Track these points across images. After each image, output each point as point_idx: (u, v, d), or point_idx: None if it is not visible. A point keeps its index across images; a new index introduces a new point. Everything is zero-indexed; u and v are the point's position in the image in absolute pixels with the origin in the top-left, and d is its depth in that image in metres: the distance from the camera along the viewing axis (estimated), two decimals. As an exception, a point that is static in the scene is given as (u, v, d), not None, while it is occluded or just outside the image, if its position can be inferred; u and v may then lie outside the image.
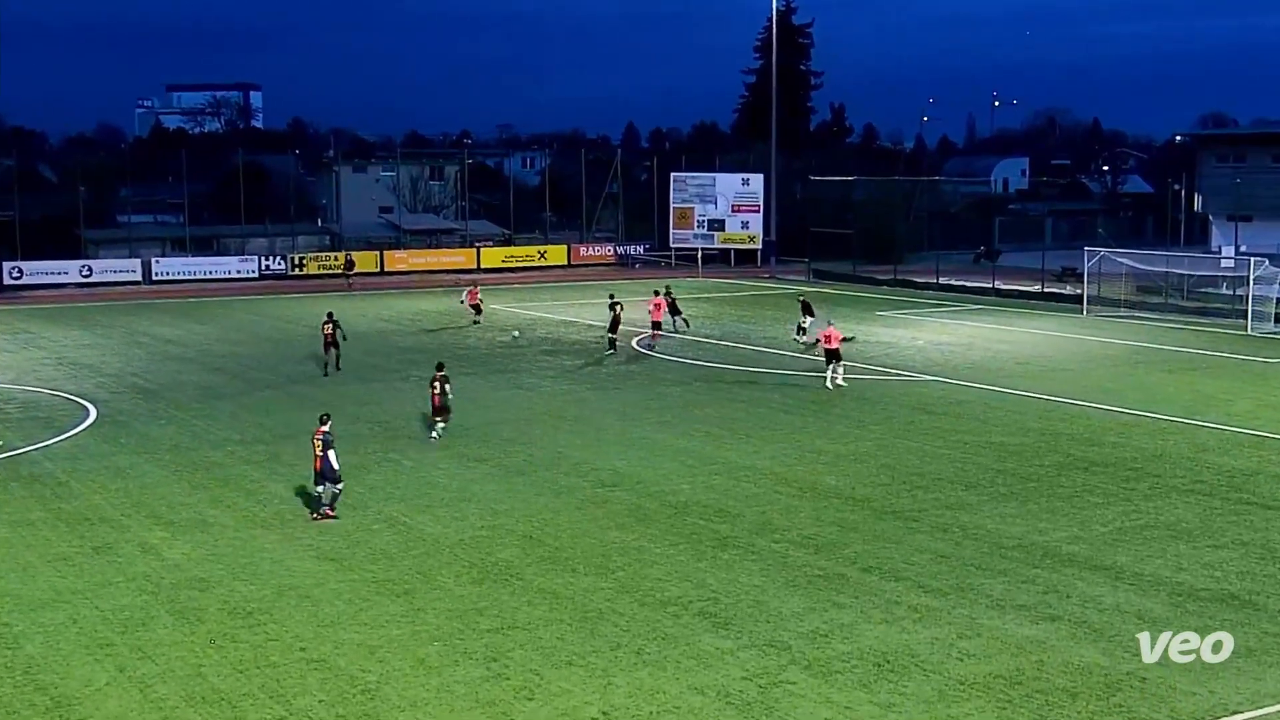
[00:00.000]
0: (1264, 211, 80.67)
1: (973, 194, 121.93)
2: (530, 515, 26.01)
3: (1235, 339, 52.17)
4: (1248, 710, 16.94)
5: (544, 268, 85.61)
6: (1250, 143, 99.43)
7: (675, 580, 21.96)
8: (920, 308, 63.06)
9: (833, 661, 18.46)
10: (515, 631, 19.61)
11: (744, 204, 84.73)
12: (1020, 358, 47.01)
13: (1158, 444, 32.59)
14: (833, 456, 31.17)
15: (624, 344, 48.94)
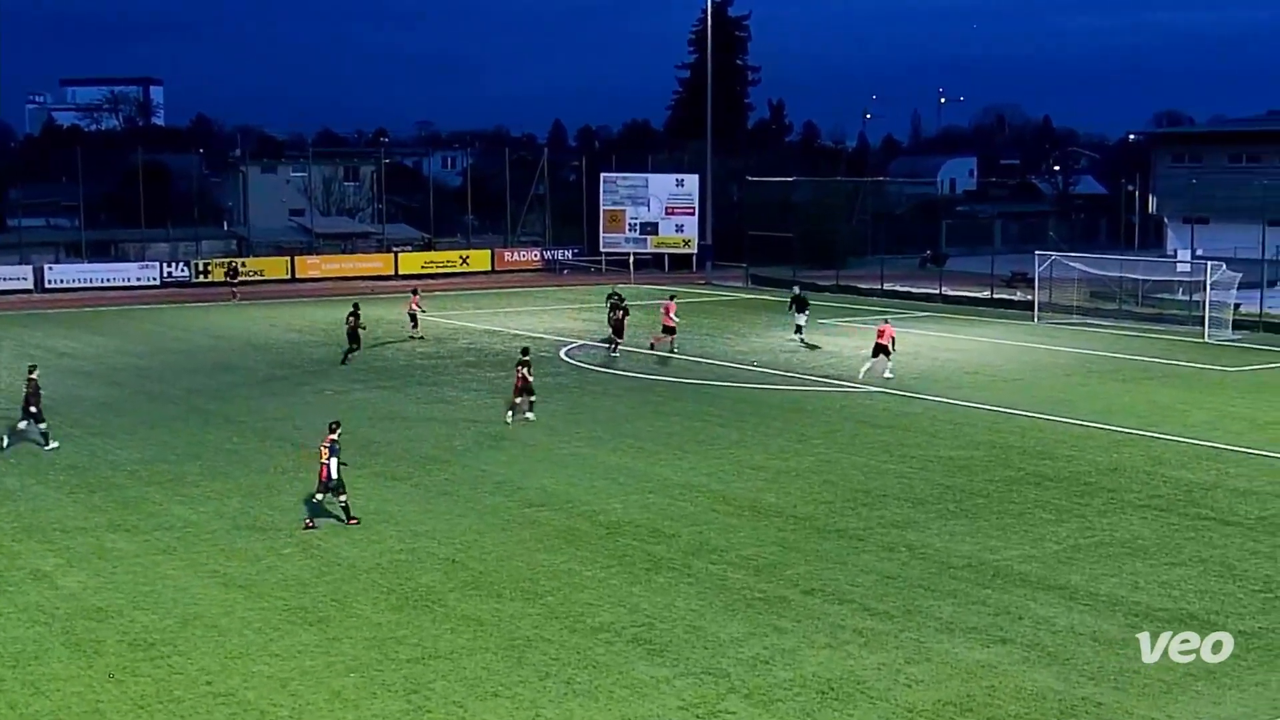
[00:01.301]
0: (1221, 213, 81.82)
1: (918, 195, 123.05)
2: (453, 537, 25.91)
3: (1192, 347, 52.86)
4: (1207, 735, 17.17)
5: (466, 274, 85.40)
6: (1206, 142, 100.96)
7: (607, 605, 21.95)
8: (864, 315, 63.41)
9: (774, 689, 18.51)
10: (437, 661, 19.53)
11: (678, 206, 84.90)
12: (969, 367, 47.40)
13: (1112, 457, 32.96)
14: (773, 472, 31.29)
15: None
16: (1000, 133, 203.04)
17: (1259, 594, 22.53)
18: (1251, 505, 28.32)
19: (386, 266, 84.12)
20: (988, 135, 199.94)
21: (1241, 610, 21.70)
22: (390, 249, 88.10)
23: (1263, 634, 20.50)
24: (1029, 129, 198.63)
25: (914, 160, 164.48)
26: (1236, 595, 22.47)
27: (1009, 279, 70.82)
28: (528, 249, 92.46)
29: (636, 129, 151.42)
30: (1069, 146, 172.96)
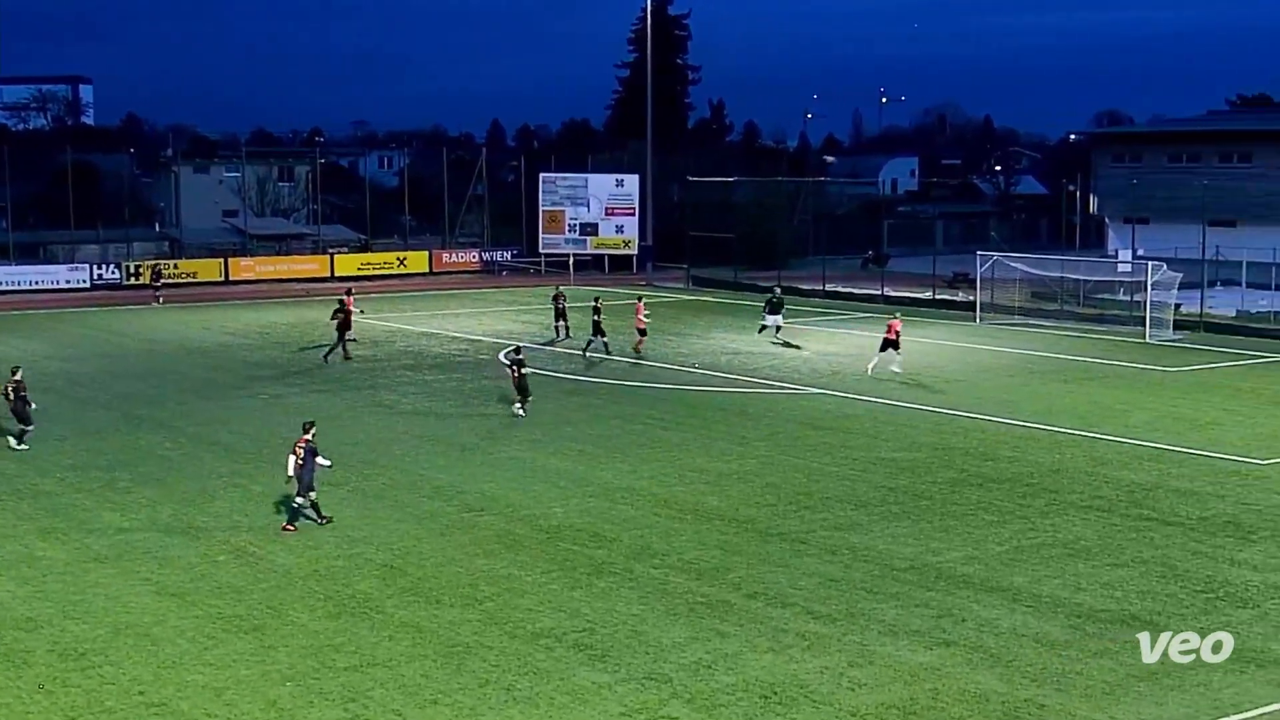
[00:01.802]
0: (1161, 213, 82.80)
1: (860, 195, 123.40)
2: (390, 543, 25.82)
3: (1133, 347, 53.38)
4: (1150, 736, 17.35)
5: (404, 275, 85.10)
6: (1147, 142, 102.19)
7: (548, 610, 21.93)
8: (806, 316, 63.60)
9: (717, 694, 18.54)
10: (375, 669, 19.45)
11: (618, 206, 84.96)
12: (911, 368, 47.63)
13: (1055, 458, 33.23)
14: (715, 475, 31.35)
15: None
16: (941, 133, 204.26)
17: (1201, 594, 22.77)
18: (1193, 506, 28.63)
19: (322, 268, 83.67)
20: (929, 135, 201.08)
21: (1184, 611, 21.93)
22: (326, 250, 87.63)
23: (1205, 634, 20.70)
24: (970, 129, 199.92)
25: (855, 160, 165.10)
26: (1178, 596, 22.70)
27: (951, 279, 71.23)
28: (466, 250, 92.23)
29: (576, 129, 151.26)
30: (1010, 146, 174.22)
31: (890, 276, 73.33)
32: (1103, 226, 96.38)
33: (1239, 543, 25.92)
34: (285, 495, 27.58)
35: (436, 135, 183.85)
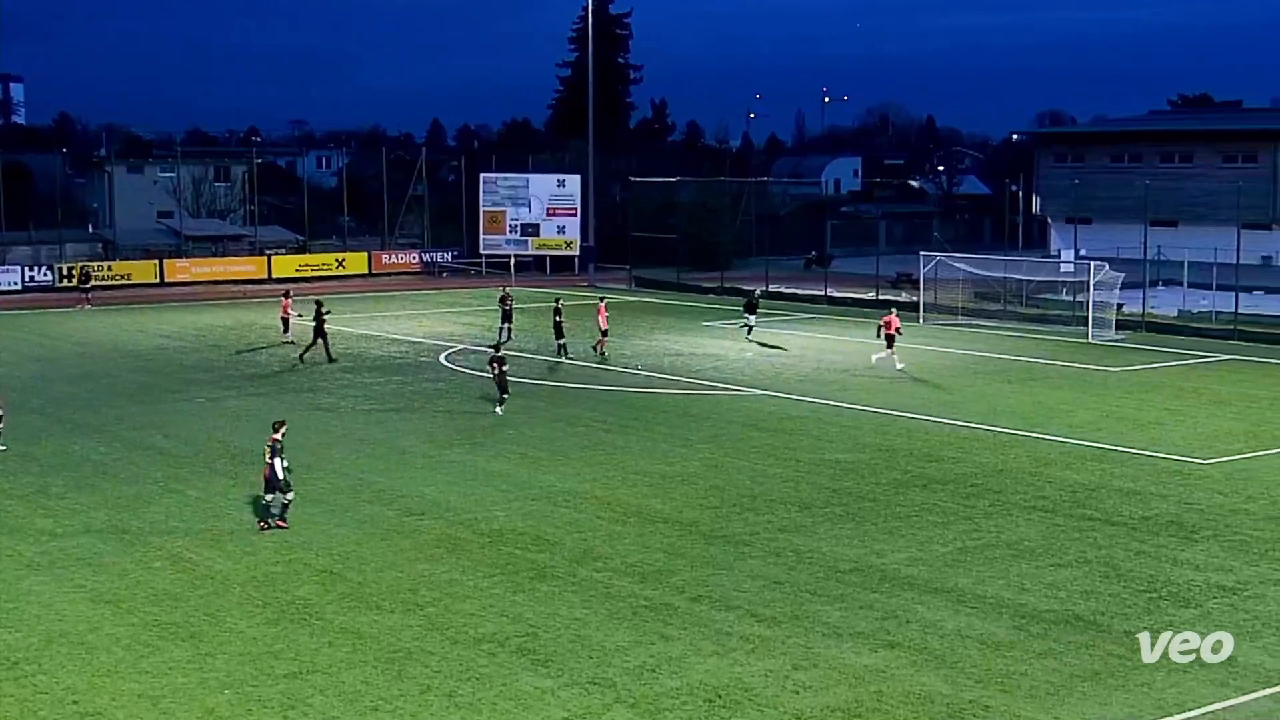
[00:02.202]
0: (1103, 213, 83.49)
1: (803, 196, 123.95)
2: (330, 548, 25.70)
3: (1076, 347, 53.80)
4: (1094, 736, 17.48)
5: (342, 277, 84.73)
6: (1089, 142, 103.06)
7: (490, 615, 21.88)
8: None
9: (661, 698, 18.56)
10: (315, 676, 19.35)
11: (560, 207, 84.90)
12: (855, 369, 47.86)
13: (998, 458, 33.45)
14: (658, 478, 31.38)
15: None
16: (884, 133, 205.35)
17: (1143, 594, 22.97)
18: (1135, 505, 28.88)
19: (259, 270, 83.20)
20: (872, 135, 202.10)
21: (1127, 611, 22.12)
22: (263, 252, 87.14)
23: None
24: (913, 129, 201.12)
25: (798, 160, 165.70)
26: (1122, 596, 22.89)
27: (894, 280, 71.61)
28: (406, 251, 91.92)
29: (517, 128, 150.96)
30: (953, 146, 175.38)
31: (833, 277, 73.62)
32: (1045, 226, 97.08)
33: (1181, 542, 26.17)
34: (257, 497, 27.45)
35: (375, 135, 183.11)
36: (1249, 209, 71.94)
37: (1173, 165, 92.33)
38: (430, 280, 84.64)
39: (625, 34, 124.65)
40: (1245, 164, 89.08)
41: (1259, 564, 24.77)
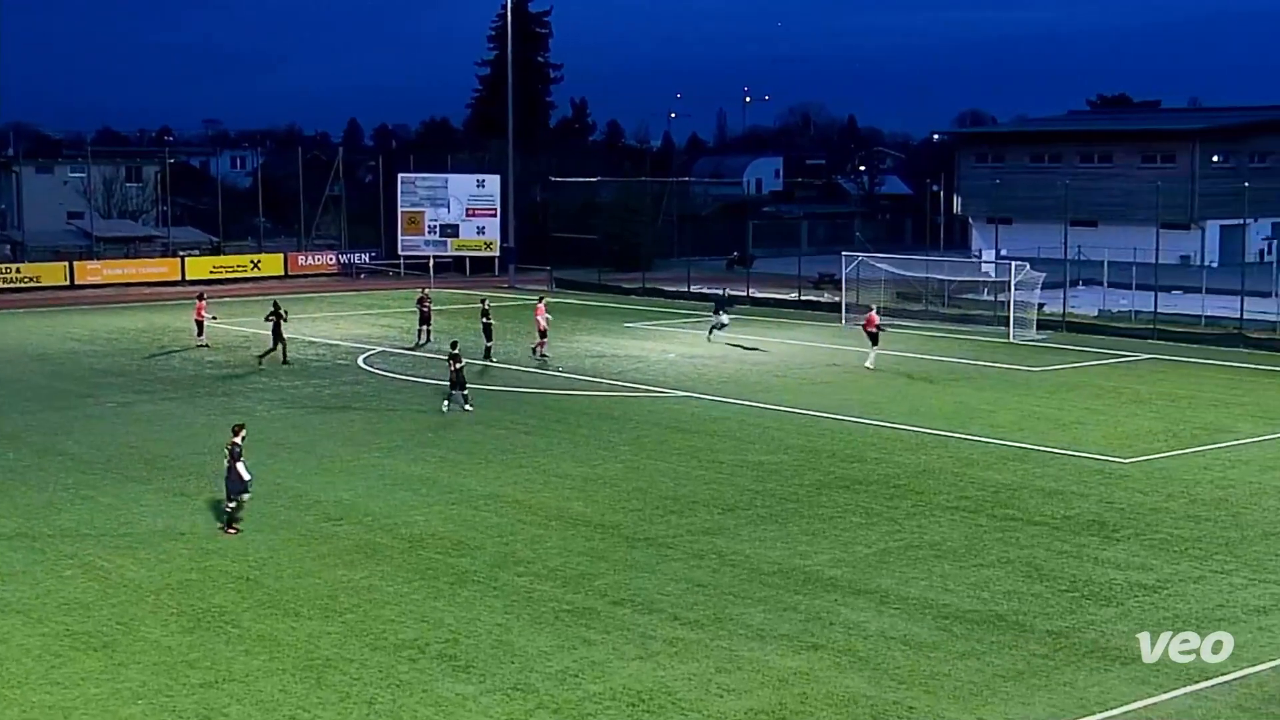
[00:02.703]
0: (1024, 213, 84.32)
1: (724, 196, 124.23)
2: (246, 554, 25.50)
3: (998, 347, 54.30)
4: (1017, 736, 17.65)
5: (258, 278, 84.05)
6: (1009, 142, 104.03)
7: (410, 621, 21.80)
8: (671, 318, 63.96)
9: (584, 703, 18.55)
10: (231, 684, 19.19)
11: (479, 207, 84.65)
12: (777, 370, 48.06)
13: (921, 459, 33.70)
14: (580, 480, 31.37)
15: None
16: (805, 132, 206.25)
17: (1065, 594, 23.22)
18: (1057, 505, 29.19)
19: (172, 271, 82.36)
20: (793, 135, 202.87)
21: (1049, 610, 22.35)
22: (176, 253, 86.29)
23: (1069, 633, 21.15)
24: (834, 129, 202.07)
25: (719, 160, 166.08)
26: (1044, 595, 23.13)
27: (816, 281, 71.92)
28: (323, 252, 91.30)
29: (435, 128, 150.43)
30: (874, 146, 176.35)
31: (755, 278, 73.85)
32: (966, 227, 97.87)
33: (1102, 542, 26.47)
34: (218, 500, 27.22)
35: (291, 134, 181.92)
36: (1168, 209, 72.93)
37: (1092, 165, 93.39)
38: (348, 282, 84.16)
39: (545, 32, 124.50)
40: (1164, 164, 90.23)
41: (1179, 562, 25.10)
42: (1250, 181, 76.59)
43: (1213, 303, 59.02)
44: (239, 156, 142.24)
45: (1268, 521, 27.95)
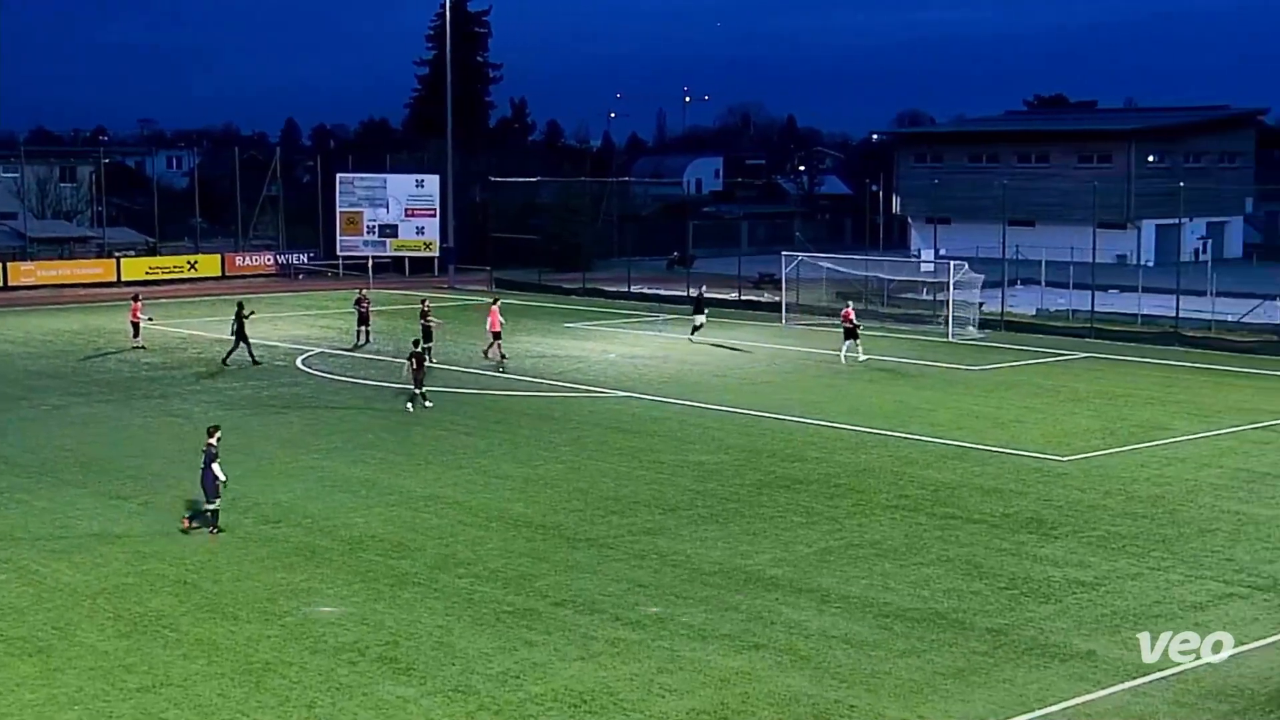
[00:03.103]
0: (962, 213, 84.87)
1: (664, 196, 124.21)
2: (184, 557, 25.31)
3: (937, 346, 54.60)
4: (957, 733, 17.76)
5: (195, 279, 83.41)
6: (947, 142, 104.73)
7: (350, 623, 21.70)
8: (612, 318, 63.95)
9: (526, 704, 18.53)
10: (169, 689, 19.05)
11: (418, 208, 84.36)
12: (718, 370, 48.15)
13: (861, 458, 33.85)
14: (521, 481, 31.32)
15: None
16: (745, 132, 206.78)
17: (1005, 591, 23.38)
18: (996, 503, 29.39)
19: (108, 273, 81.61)
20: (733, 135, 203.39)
21: (989, 608, 22.50)
22: (112, 254, 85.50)
23: (1009, 630, 21.29)
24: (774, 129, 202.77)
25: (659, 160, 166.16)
26: (984, 593, 23.28)
27: (756, 280, 72.09)
28: (260, 253, 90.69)
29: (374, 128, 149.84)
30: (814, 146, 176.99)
31: (696, 277, 73.86)
32: (906, 226, 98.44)
33: (1041, 539, 26.67)
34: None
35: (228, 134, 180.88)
36: (1104, 208, 73.53)
37: (1030, 165, 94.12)
38: (286, 283, 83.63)
39: (484, 32, 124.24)
40: (1100, 164, 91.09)
41: (1117, 559, 25.33)
42: (1185, 181, 77.34)
43: (1148, 302, 59.60)
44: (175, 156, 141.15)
45: (1203, 518, 28.25)
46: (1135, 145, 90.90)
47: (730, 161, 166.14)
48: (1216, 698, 18.81)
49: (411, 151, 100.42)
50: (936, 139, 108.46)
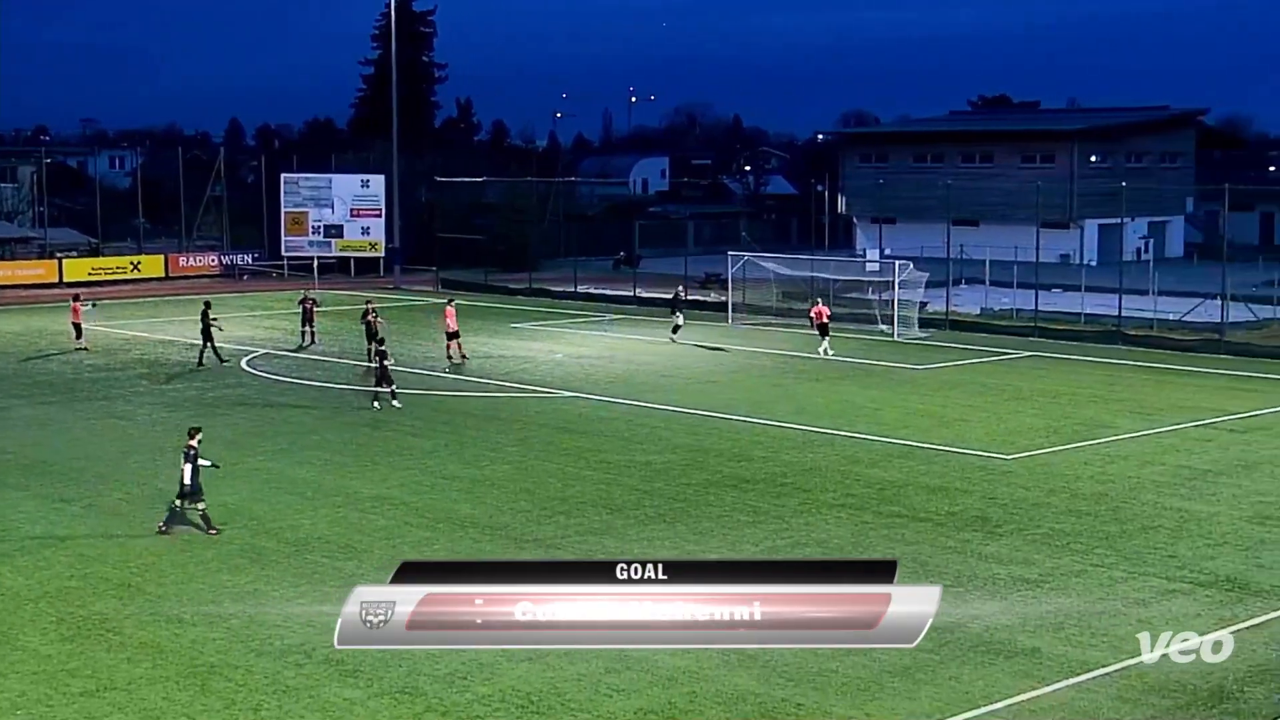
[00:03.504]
0: (907, 213, 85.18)
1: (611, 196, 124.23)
2: (128, 560, 25.13)
3: (882, 345, 54.82)
4: (904, 731, 17.84)
5: (138, 280, 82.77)
6: (892, 142, 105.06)
7: (296, 625, 21.60)
8: (558, 318, 63.90)
9: (473, 705, 18.49)
10: (113, 693, 18.91)
11: (364, 208, 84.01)
12: (665, 370, 48.19)
13: (807, 457, 33.95)
14: (468, 482, 31.26)
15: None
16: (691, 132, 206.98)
17: (950, 589, 23.40)
18: (941, 501, 29.54)
19: (49, 274, 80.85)
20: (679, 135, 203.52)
21: (934, 605, 22.57)
22: (54, 255, 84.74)
23: (954, 628, 21.39)
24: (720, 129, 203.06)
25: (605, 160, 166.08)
26: (929, 591, 23.36)
27: (703, 280, 72.14)
28: (205, 254, 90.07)
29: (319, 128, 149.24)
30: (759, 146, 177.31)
31: (642, 277, 73.92)
32: (851, 226, 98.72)
33: (986, 537, 26.84)
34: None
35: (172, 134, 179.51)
36: (1047, 208, 73.96)
37: (974, 165, 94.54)
38: (230, 283, 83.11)
39: (429, 32, 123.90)
40: (1043, 164, 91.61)
41: (1061, 556, 25.51)
42: (1127, 181, 77.90)
43: (1091, 301, 60.01)
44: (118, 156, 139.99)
45: (1146, 515, 28.49)
46: (1078, 145, 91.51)
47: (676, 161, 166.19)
48: (1159, 693, 18.98)
49: (357, 152, 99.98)
50: (881, 139, 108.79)
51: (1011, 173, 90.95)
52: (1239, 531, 27.35)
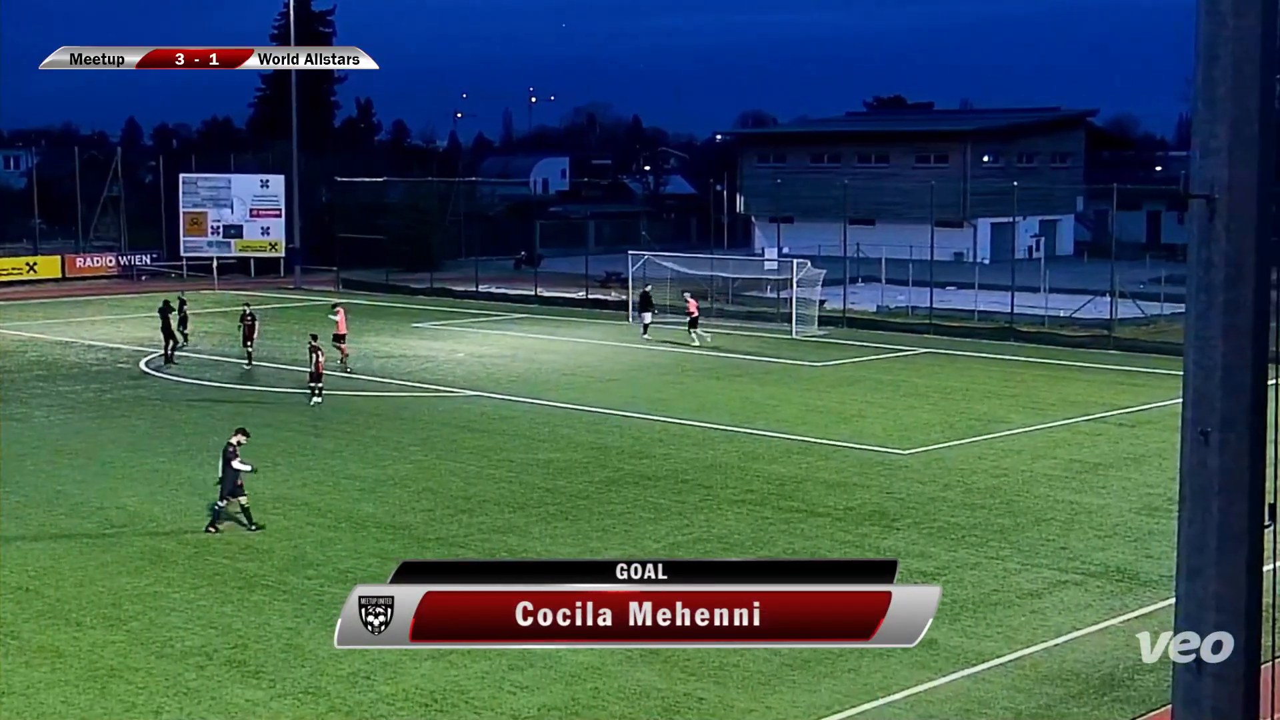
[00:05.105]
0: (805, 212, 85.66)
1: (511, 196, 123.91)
2: (25, 564, 24.74)
3: (781, 343, 55.13)
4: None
5: (34, 281, 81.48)
6: (790, 142, 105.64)
7: (197, 627, 21.38)
8: (460, 318, 63.66)
9: (376, 705, 18.40)
10: (11, 698, 18.61)
11: (264, 208, 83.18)
12: (566, 369, 48.17)
13: (708, 454, 34.08)
14: (370, 482, 31.09)
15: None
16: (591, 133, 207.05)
17: (849, 582, 23.65)
18: (839, 496, 29.77)
19: (-57, 276, 79.48)
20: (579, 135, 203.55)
21: (833, 599, 22.74)
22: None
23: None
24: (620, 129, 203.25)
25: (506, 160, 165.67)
26: (828, 585, 23.53)
27: (603, 279, 72.18)
28: (102, 255, 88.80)
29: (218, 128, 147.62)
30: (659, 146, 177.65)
31: (543, 277, 73.85)
32: (750, 225, 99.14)
33: (883, 530, 27.09)
34: None
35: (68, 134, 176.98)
36: (941, 207, 74.67)
37: (870, 165, 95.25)
38: (129, 284, 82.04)
39: (329, 32, 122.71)
40: (937, 164, 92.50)
41: (956, 549, 25.80)
42: (1019, 181, 78.87)
43: (985, 298, 60.74)
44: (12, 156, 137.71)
45: (1039, 508, 28.88)
46: (971, 146, 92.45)
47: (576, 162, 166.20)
48: (1052, 682, 19.27)
49: (256, 152, 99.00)
50: (779, 139, 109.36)
51: (906, 173, 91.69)
52: (1128, 523, 27.81)
